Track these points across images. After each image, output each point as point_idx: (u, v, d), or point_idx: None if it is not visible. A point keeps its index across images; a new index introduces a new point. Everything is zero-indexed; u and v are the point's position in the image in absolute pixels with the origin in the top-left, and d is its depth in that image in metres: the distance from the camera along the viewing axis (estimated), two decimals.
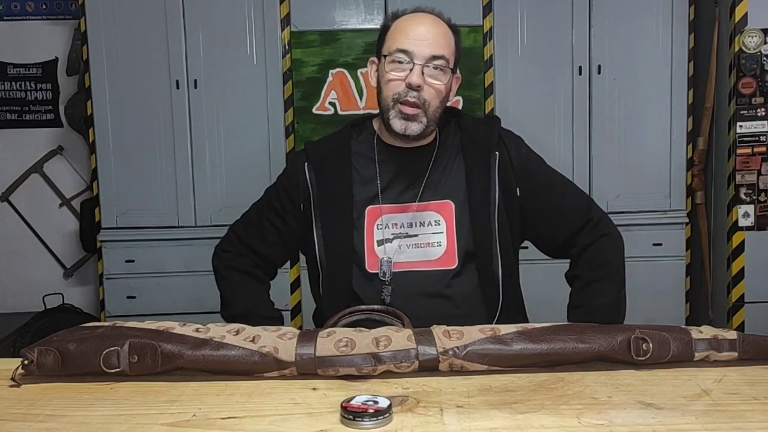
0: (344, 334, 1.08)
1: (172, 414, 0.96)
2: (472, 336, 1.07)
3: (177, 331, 1.09)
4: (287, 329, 1.11)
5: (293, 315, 3.19)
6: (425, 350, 1.06)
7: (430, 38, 1.40)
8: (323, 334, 1.08)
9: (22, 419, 0.96)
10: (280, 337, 1.08)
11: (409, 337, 1.07)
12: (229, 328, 1.10)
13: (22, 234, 3.79)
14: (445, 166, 1.51)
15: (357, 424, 0.90)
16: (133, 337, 1.06)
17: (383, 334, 1.07)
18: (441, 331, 1.09)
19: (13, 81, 3.81)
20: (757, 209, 3.01)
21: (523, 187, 1.51)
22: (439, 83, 1.42)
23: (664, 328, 1.09)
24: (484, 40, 3.11)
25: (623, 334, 1.08)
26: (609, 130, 3.17)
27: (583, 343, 1.07)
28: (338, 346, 1.06)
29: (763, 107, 2.97)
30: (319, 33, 3.13)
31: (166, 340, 1.07)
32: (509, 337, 1.07)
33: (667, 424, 0.90)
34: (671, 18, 3.12)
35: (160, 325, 1.11)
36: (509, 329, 1.09)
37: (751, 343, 1.09)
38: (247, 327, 1.11)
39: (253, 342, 1.07)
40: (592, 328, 1.10)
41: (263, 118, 3.17)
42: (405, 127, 1.42)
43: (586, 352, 1.07)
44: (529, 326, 1.10)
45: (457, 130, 1.54)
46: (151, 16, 3.11)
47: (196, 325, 1.11)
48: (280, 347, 1.06)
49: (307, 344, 1.06)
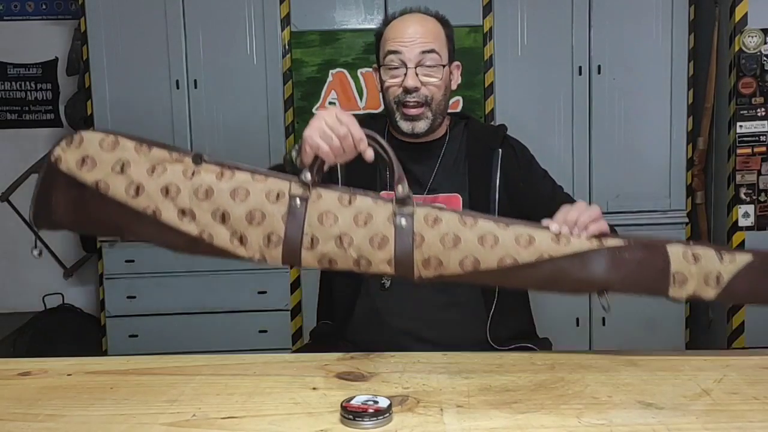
0: (327, 251, 1.10)
1: (172, 414, 0.96)
2: (450, 268, 1.10)
3: (165, 217, 1.11)
4: (272, 230, 1.10)
5: (293, 315, 3.19)
6: (402, 275, 1.10)
7: (417, 37, 1.44)
8: (306, 245, 1.10)
9: (22, 419, 0.96)
10: (266, 244, 1.10)
11: (389, 261, 1.09)
12: (217, 217, 1.11)
13: (22, 234, 3.79)
14: (453, 161, 1.54)
15: (357, 424, 0.90)
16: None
17: (364, 257, 1.09)
18: (421, 260, 1.10)
19: (13, 81, 3.81)
20: (757, 209, 3.01)
21: (525, 183, 1.53)
22: (435, 79, 1.45)
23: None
24: (484, 40, 3.11)
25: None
26: (609, 130, 3.17)
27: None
28: (322, 262, 1.10)
29: (763, 107, 2.97)
30: (319, 33, 3.12)
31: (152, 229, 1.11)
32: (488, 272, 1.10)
33: (667, 424, 0.90)
34: (671, 18, 3.11)
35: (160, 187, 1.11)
36: (491, 261, 1.10)
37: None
38: (234, 219, 1.11)
39: (241, 242, 1.10)
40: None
41: (263, 118, 3.17)
42: (412, 127, 1.47)
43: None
44: (508, 259, 1.10)
45: (465, 131, 1.58)
46: (151, 16, 3.11)
47: (190, 203, 1.12)
48: (266, 255, 1.10)
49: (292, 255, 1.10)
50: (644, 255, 1.08)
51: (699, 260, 1.08)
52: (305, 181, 1.11)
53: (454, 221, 1.10)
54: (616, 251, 1.09)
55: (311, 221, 1.10)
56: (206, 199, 1.10)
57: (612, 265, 1.09)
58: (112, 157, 1.11)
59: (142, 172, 1.11)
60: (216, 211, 1.11)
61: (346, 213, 1.10)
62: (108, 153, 1.12)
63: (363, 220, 1.10)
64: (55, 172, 1.13)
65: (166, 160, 1.12)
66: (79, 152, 1.13)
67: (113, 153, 1.12)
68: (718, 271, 1.08)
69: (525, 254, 1.09)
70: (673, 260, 1.08)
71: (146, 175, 1.11)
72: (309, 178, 1.12)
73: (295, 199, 1.10)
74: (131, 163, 1.11)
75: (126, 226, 1.12)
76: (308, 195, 1.11)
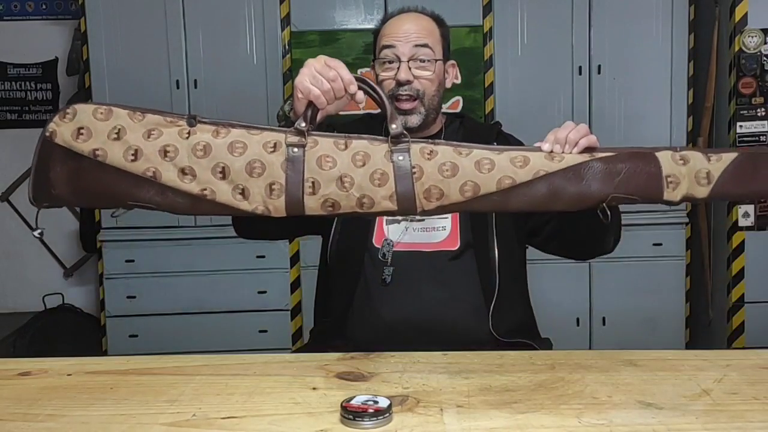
0: (330, 194, 1.11)
1: (172, 414, 0.96)
2: (451, 197, 1.11)
3: (165, 178, 1.11)
4: (273, 179, 1.11)
5: (293, 315, 3.19)
6: (405, 210, 1.11)
7: (411, 32, 1.48)
8: (308, 191, 1.11)
9: (22, 419, 0.96)
10: (268, 194, 1.11)
11: (392, 197, 1.10)
12: (217, 173, 1.12)
13: (22, 234, 3.79)
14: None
15: (357, 424, 0.90)
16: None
17: (367, 195, 1.10)
18: (422, 191, 1.11)
19: (13, 81, 3.81)
20: (757, 209, 3.01)
21: None
22: (428, 73, 1.48)
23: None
24: (484, 40, 3.11)
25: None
26: (609, 130, 3.16)
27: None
28: (325, 206, 1.11)
29: (763, 107, 2.97)
30: (319, 33, 3.12)
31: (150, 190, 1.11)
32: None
33: (667, 424, 0.90)
34: (671, 18, 3.12)
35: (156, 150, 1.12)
36: (489, 185, 1.11)
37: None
38: (234, 173, 1.11)
39: (243, 195, 1.11)
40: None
41: (263, 118, 3.17)
42: (404, 121, 1.48)
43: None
44: (506, 180, 1.12)
45: (461, 128, 1.60)
46: (151, 16, 3.11)
47: (189, 161, 1.12)
48: (269, 206, 1.11)
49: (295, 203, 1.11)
50: (635, 162, 1.12)
51: (687, 161, 1.12)
52: (300, 128, 1.13)
53: (449, 151, 1.13)
54: (608, 161, 1.13)
55: (310, 166, 1.11)
56: (205, 156, 1.11)
57: (606, 174, 1.12)
58: (107, 125, 1.12)
59: (138, 136, 1.12)
60: (215, 167, 1.12)
61: (343, 155, 1.12)
62: (102, 122, 1.12)
63: (361, 160, 1.11)
64: (51, 146, 1.12)
65: (161, 124, 1.13)
66: (74, 124, 1.13)
67: (108, 122, 1.12)
68: (707, 169, 1.11)
69: (522, 173, 1.12)
70: (664, 164, 1.12)
71: (143, 140, 1.12)
72: (303, 125, 1.13)
73: (292, 148, 1.12)
74: (127, 130, 1.12)
75: (127, 193, 1.13)
76: (305, 142, 1.12)
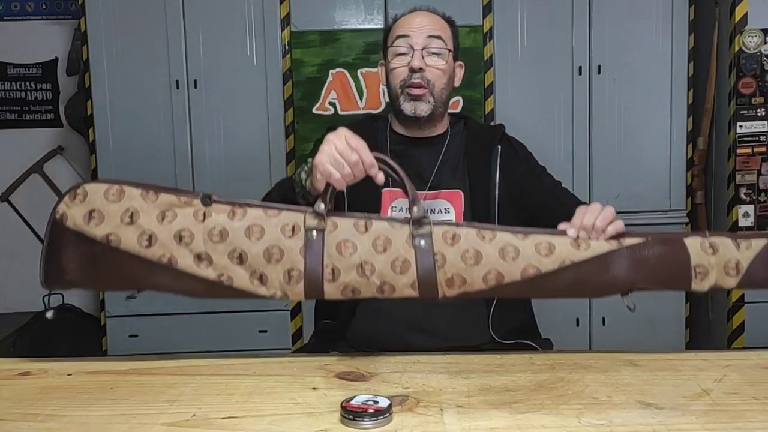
0: (350, 281, 1.09)
1: (172, 414, 0.96)
2: (474, 285, 1.09)
3: (181, 265, 1.09)
4: (292, 265, 1.09)
5: (293, 315, 3.18)
6: (427, 296, 1.10)
7: (425, 24, 1.51)
8: (328, 278, 1.09)
9: (22, 419, 0.96)
10: (287, 281, 1.09)
11: (413, 284, 1.09)
12: (235, 258, 1.09)
13: (22, 234, 3.79)
14: (454, 158, 1.55)
15: (357, 424, 0.90)
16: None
17: (388, 282, 1.09)
18: (444, 279, 1.09)
19: (13, 81, 3.81)
20: (757, 209, 3.01)
21: (526, 174, 1.55)
22: (441, 63, 1.50)
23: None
24: (484, 40, 3.11)
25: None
26: (609, 130, 3.17)
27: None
28: (345, 292, 1.10)
29: (763, 107, 2.97)
30: (319, 33, 3.12)
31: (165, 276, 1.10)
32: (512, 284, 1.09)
33: (667, 424, 0.90)
34: (671, 18, 3.11)
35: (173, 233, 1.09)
36: (514, 273, 1.09)
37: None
38: (252, 258, 1.09)
39: (261, 281, 1.09)
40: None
41: (263, 118, 3.17)
42: (414, 108, 1.49)
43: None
44: (531, 269, 1.09)
45: (464, 129, 1.60)
46: (151, 16, 3.11)
47: (205, 247, 1.09)
48: (288, 292, 1.09)
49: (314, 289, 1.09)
50: (663, 250, 1.09)
51: (717, 250, 1.09)
52: (319, 211, 1.10)
53: (472, 236, 1.09)
54: (636, 249, 1.09)
55: (330, 252, 1.08)
56: (221, 241, 1.09)
57: (633, 264, 1.09)
58: (120, 207, 1.09)
59: (152, 219, 1.09)
60: (233, 253, 1.09)
61: (364, 240, 1.09)
62: (115, 204, 1.09)
63: (382, 245, 1.09)
64: (62, 229, 1.09)
65: (174, 205, 1.10)
66: (85, 206, 1.10)
67: (120, 203, 1.09)
68: (736, 259, 1.09)
69: (547, 262, 1.08)
70: (692, 253, 1.09)
71: (157, 223, 1.09)
72: (323, 208, 1.10)
73: (311, 232, 1.09)
74: (140, 212, 1.09)
75: (142, 278, 1.10)
76: (324, 225, 1.09)
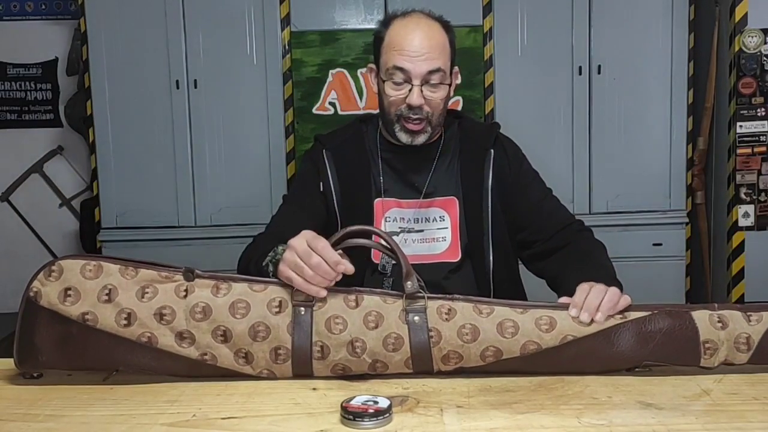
0: (340, 360, 1.05)
1: (172, 414, 0.96)
2: (470, 361, 1.06)
3: (161, 344, 1.04)
4: (279, 343, 1.05)
5: None
6: (421, 372, 1.06)
7: (424, 52, 1.38)
8: (317, 355, 1.05)
9: (22, 419, 0.96)
10: (274, 359, 1.05)
11: (407, 361, 1.05)
12: (218, 336, 1.05)
13: (22, 234, 3.79)
14: (448, 164, 1.53)
15: (357, 424, 0.90)
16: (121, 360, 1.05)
17: (380, 360, 1.05)
18: (440, 356, 1.06)
19: (13, 81, 3.81)
20: (757, 209, 3.01)
21: (515, 183, 1.51)
22: (439, 95, 1.42)
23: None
24: (484, 40, 3.11)
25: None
26: (609, 130, 3.17)
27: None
28: (335, 370, 1.06)
29: (763, 107, 2.97)
30: (319, 33, 3.12)
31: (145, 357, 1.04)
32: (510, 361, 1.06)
33: (667, 424, 0.90)
34: (671, 18, 3.12)
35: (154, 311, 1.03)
36: (513, 350, 1.05)
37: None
38: (237, 336, 1.04)
39: (246, 360, 1.05)
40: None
41: (263, 118, 3.17)
42: (411, 140, 1.45)
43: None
44: (531, 345, 1.05)
45: (458, 132, 1.56)
46: (151, 16, 3.11)
47: (187, 325, 1.04)
48: (275, 371, 1.06)
49: (302, 368, 1.06)
50: (671, 325, 1.05)
51: (726, 325, 1.05)
52: None
53: (468, 311, 1.05)
54: (642, 323, 1.05)
55: (319, 329, 1.04)
56: (204, 318, 1.04)
57: (639, 338, 1.05)
58: (97, 284, 1.03)
59: (131, 296, 1.03)
60: (216, 330, 1.04)
61: (354, 315, 1.05)
62: (92, 281, 1.03)
63: (373, 322, 1.04)
64: (35, 308, 1.05)
65: (155, 280, 1.04)
66: (60, 284, 1.04)
67: (97, 280, 1.03)
68: (747, 334, 1.05)
69: (548, 338, 1.04)
70: (701, 327, 1.04)
71: (136, 300, 1.03)
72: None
73: (299, 308, 1.05)
74: (118, 289, 1.03)
75: (120, 358, 1.04)
76: (312, 302, 1.05)
